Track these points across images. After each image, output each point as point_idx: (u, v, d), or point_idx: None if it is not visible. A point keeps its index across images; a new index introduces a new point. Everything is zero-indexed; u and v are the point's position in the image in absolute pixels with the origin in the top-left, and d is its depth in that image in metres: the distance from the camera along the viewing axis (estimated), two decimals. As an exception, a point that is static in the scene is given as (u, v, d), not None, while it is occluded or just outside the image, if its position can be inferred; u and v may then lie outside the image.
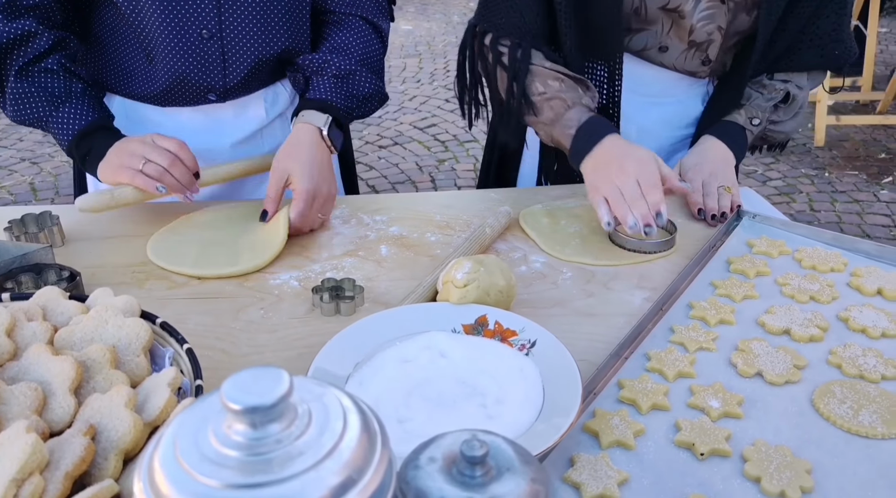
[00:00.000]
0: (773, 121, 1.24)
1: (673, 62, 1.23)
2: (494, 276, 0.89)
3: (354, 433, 0.46)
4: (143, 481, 0.44)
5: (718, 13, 1.15)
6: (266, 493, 0.42)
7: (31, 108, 1.10)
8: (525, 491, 0.50)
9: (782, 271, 1.00)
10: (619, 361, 0.83)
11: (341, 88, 1.17)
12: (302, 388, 0.48)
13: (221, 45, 1.15)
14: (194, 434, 0.45)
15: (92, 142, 1.10)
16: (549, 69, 1.15)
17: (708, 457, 0.70)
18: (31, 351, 0.69)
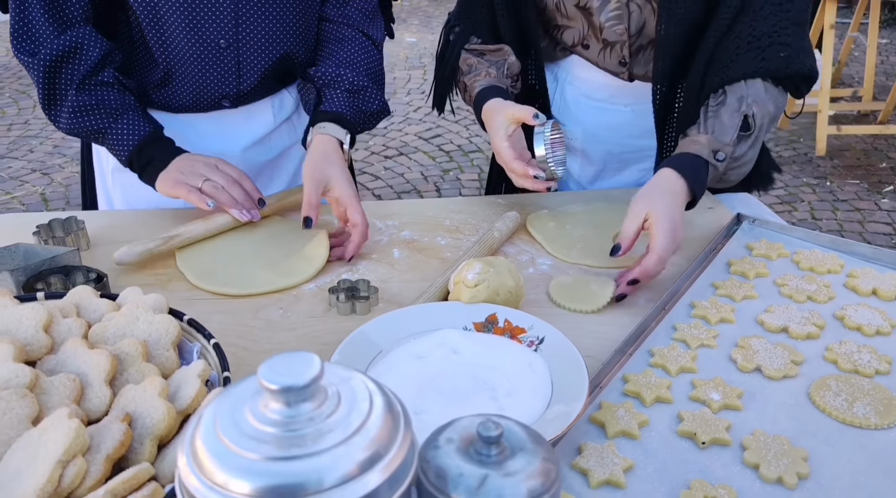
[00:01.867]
0: (737, 156, 1.08)
1: (595, 60, 1.28)
2: (504, 276, 0.93)
3: (379, 413, 0.50)
4: (186, 456, 0.48)
5: (624, 14, 1.19)
6: (300, 465, 0.46)
7: (91, 121, 1.13)
8: (537, 468, 0.53)
9: (781, 273, 1.04)
10: (624, 357, 0.87)
11: (353, 103, 1.21)
12: (331, 372, 0.52)
13: (237, 53, 1.20)
14: (232, 414, 0.49)
15: (153, 152, 1.14)
16: (468, 50, 1.27)
17: (709, 446, 0.74)
18: (67, 345, 0.74)
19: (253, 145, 1.32)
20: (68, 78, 1.12)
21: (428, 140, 4.26)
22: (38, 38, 1.11)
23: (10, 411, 0.65)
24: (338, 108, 1.19)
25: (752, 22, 1.11)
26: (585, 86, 1.33)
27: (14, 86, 5.13)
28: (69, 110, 1.12)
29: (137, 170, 1.15)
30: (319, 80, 1.22)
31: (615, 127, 1.34)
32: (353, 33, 1.26)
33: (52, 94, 1.13)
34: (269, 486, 0.45)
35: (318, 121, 1.18)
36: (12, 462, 0.62)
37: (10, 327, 0.75)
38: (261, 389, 0.48)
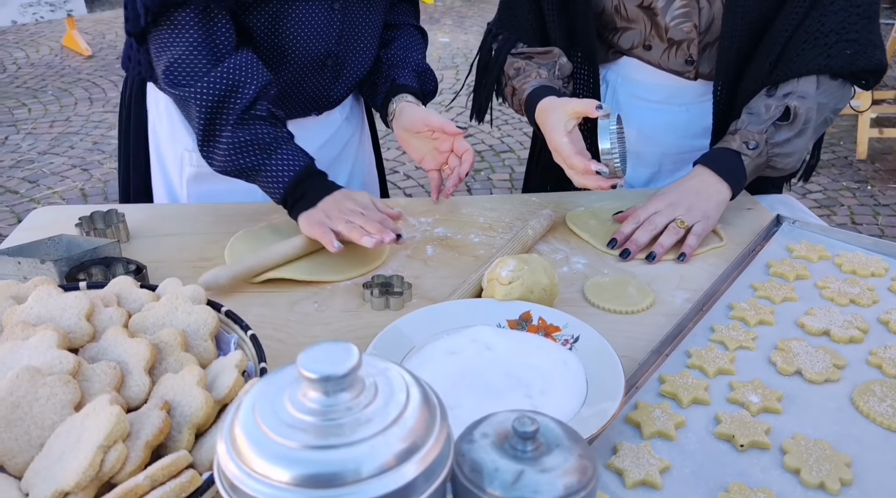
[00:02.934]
0: (777, 142, 1.12)
1: (658, 61, 1.25)
2: (538, 274, 0.92)
3: (416, 405, 0.50)
4: (225, 443, 0.48)
5: (693, 11, 1.17)
6: (338, 454, 0.46)
7: (245, 159, 1.06)
8: (574, 465, 0.53)
9: (822, 275, 1.02)
10: (661, 358, 0.86)
11: (419, 81, 1.29)
12: (368, 363, 0.52)
13: (336, 69, 1.24)
14: (271, 402, 0.49)
15: (306, 188, 1.07)
16: (515, 54, 1.26)
17: (748, 449, 0.73)
18: (108, 333, 0.75)
19: (324, 144, 1.34)
20: (229, 114, 1.05)
21: (460, 139, 4.26)
22: (195, 70, 1.05)
23: (54, 397, 0.66)
24: (411, 83, 1.27)
25: (820, 17, 1.11)
26: (640, 88, 1.30)
27: (57, 83, 5.25)
28: (226, 149, 1.06)
29: (289, 206, 1.08)
30: (388, 62, 1.29)
31: (671, 128, 1.32)
32: (407, 27, 1.36)
33: (209, 132, 1.06)
34: (308, 474, 0.45)
35: (396, 93, 1.25)
36: (55, 446, 0.63)
37: (55, 315, 0.76)
38: (299, 378, 0.49)
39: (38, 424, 0.65)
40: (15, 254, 1.00)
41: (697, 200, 1.10)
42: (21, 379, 0.66)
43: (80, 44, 5.83)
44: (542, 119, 1.13)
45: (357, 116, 1.42)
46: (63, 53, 5.96)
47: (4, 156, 4.07)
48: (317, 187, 1.08)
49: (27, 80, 5.35)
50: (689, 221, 1.09)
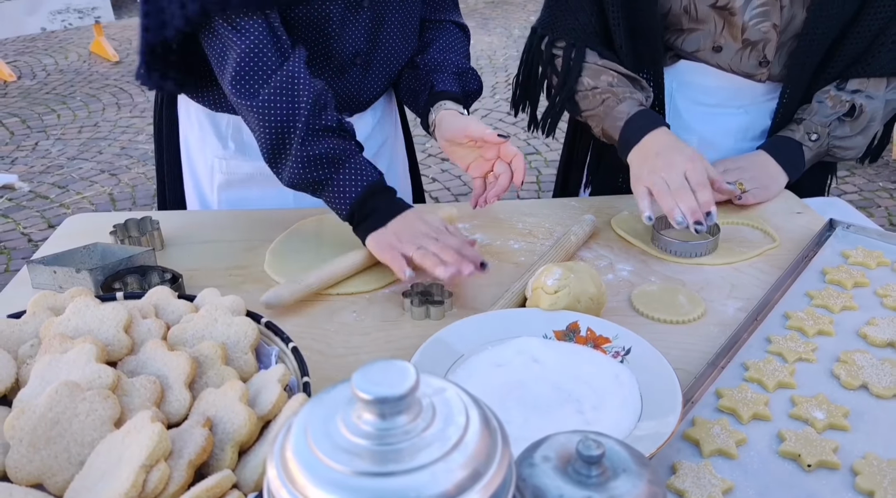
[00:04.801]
0: (838, 136, 1.17)
1: (728, 63, 1.21)
2: (585, 282, 0.89)
3: (477, 428, 0.47)
4: (276, 469, 0.46)
5: (773, 10, 1.13)
6: (397, 482, 0.43)
7: (314, 173, 1.01)
8: (644, 491, 0.50)
9: (882, 283, 0.97)
10: (716, 371, 0.82)
11: (460, 84, 1.24)
12: (425, 383, 0.49)
13: (365, 69, 1.20)
14: (324, 424, 0.47)
15: (375, 204, 1.01)
16: (601, 66, 1.19)
17: (815, 469, 0.69)
18: (147, 346, 0.73)
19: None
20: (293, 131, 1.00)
21: (486, 142, 4.23)
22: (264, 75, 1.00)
23: (94, 413, 0.65)
24: (450, 88, 1.21)
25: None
26: (697, 91, 1.26)
27: (85, 90, 5.31)
28: (293, 163, 1.01)
29: (355, 223, 1.03)
30: (426, 66, 1.24)
31: (731, 131, 1.28)
32: (448, 25, 1.30)
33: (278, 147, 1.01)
34: (365, 503, 0.42)
35: (435, 101, 1.19)
36: (96, 464, 0.61)
37: (92, 327, 0.74)
38: (353, 399, 0.46)
39: (78, 441, 0.64)
40: (51, 263, 0.99)
41: (759, 173, 1.18)
42: (60, 394, 0.65)
43: (108, 50, 5.89)
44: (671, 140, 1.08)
45: (390, 120, 1.39)
46: (91, 59, 6.03)
47: (35, 161, 4.11)
48: (386, 205, 1.02)
49: (56, 86, 5.41)
50: (748, 186, 1.17)
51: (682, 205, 0.99)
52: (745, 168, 1.19)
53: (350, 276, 1.02)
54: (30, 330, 0.77)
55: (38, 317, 0.78)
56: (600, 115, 1.18)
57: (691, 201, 0.99)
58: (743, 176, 1.17)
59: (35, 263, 0.98)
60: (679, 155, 1.04)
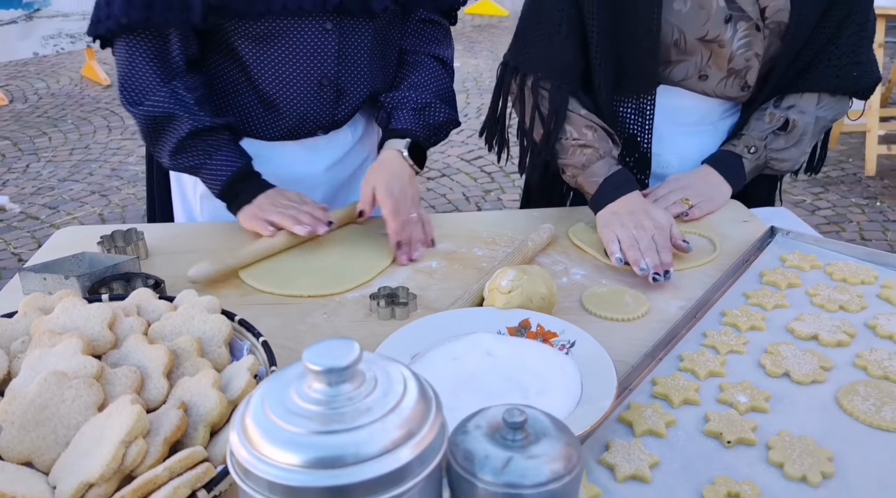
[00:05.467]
0: (774, 149, 1.27)
1: (713, 89, 1.29)
2: (537, 283, 0.96)
3: (413, 397, 0.54)
4: (237, 432, 0.53)
5: (755, 40, 1.22)
6: (340, 439, 0.51)
7: (189, 160, 1.20)
8: (560, 452, 0.57)
9: (813, 283, 1.05)
10: (654, 362, 0.89)
11: (419, 119, 1.29)
12: (370, 359, 0.57)
13: (337, 89, 1.28)
14: (279, 394, 0.54)
15: (243, 187, 1.21)
16: (584, 117, 1.24)
17: (734, 445, 0.76)
18: (129, 341, 0.80)
19: (334, 165, 1.40)
20: (172, 133, 1.18)
21: (470, 161, 4.32)
22: (146, 89, 1.17)
23: (79, 398, 0.71)
24: (404, 125, 1.28)
25: (837, 40, 1.22)
26: (675, 113, 1.33)
27: (76, 113, 5.38)
28: (169, 153, 1.20)
29: (228, 202, 1.23)
30: (389, 105, 1.31)
31: (703, 148, 1.36)
32: (425, 59, 1.36)
33: (155, 141, 1.21)
34: (313, 457, 0.49)
35: (386, 139, 1.28)
36: (81, 443, 0.68)
37: (79, 324, 0.81)
38: (305, 373, 0.53)
39: (65, 424, 0.70)
40: (41, 270, 1.05)
41: (704, 187, 1.28)
42: (48, 382, 0.71)
43: (99, 74, 5.98)
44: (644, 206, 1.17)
45: (372, 140, 1.46)
46: (82, 83, 6.11)
47: (26, 183, 4.17)
48: (252, 186, 1.22)
49: (48, 109, 5.48)
50: (693, 201, 1.26)
51: (648, 259, 1.07)
52: (690, 185, 1.28)
53: (268, 256, 1.18)
54: (21, 328, 0.84)
55: (29, 316, 0.85)
56: (578, 167, 1.24)
57: (656, 259, 1.08)
58: (688, 192, 1.26)
59: (26, 270, 1.05)
60: (648, 220, 1.12)
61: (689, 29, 1.22)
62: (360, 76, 1.30)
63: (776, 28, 1.21)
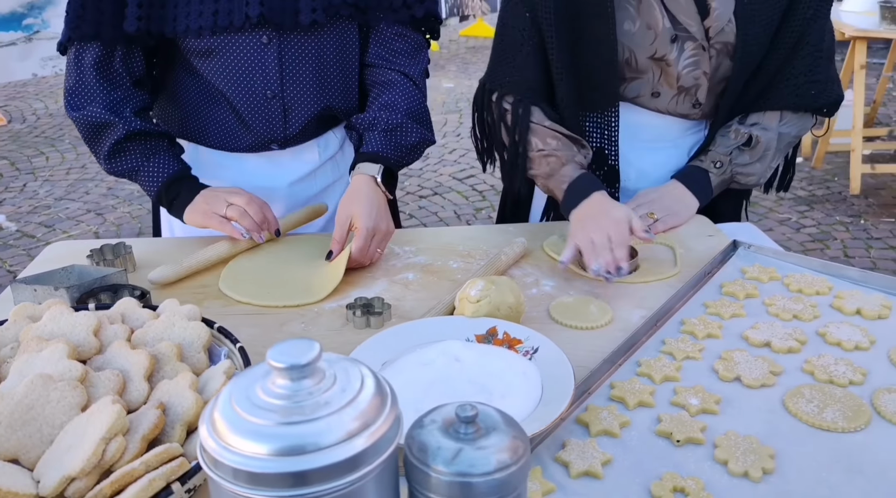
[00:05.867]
0: (739, 164, 1.32)
1: (666, 106, 1.35)
2: (504, 293, 1.01)
3: (369, 392, 0.59)
4: (206, 425, 0.57)
5: (702, 60, 1.28)
6: (299, 429, 0.55)
7: (125, 163, 1.28)
8: (507, 445, 0.61)
9: (770, 294, 1.10)
10: (613, 367, 0.94)
11: (391, 140, 1.30)
12: (330, 359, 0.61)
13: (283, 103, 1.33)
14: (245, 390, 0.59)
15: (179, 188, 1.27)
16: (547, 128, 1.29)
17: (684, 444, 0.80)
18: (113, 346, 0.84)
19: (298, 181, 1.43)
20: (107, 137, 1.26)
21: (462, 180, 4.38)
22: (88, 97, 1.26)
23: (64, 400, 0.76)
24: (374, 148, 1.29)
25: (794, 60, 1.29)
26: (636, 129, 1.38)
27: (74, 133, 5.44)
28: (105, 155, 1.27)
29: (166, 204, 1.29)
30: (360, 126, 1.33)
31: (662, 163, 1.42)
32: (395, 76, 1.36)
33: (94, 146, 1.29)
34: (275, 446, 0.54)
35: (356, 162, 1.30)
36: (64, 441, 0.72)
37: (66, 331, 0.86)
38: (269, 371, 0.58)
39: (50, 424, 0.75)
40: (31, 282, 1.10)
41: (671, 202, 1.33)
42: (35, 384, 0.76)
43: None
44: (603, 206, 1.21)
45: (346, 162, 1.45)
46: (80, 104, 6.19)
47: (23, 202, 4.22)
48: (189, 187, 1.28)
49: (45, 130, 5.55)
50: (659, 214, 1.30)
51: (600, 260, 1.13)
52: (657, 199, 1.33)
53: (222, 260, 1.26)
54: (10, 335, 0.88)
55: (19, 324, 0.90)
56: (545, 175, 1.30)
57: (608, 258, 1.13)
58: (654, 207, 1.31)
59: (17, 282, 1.10)
60: (606, 219, 1.17)
61: (639, 48, 1.28)
62: (306, 90, 1.32)
63: (723, 48, 1.27)
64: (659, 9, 1.25)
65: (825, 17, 1.30)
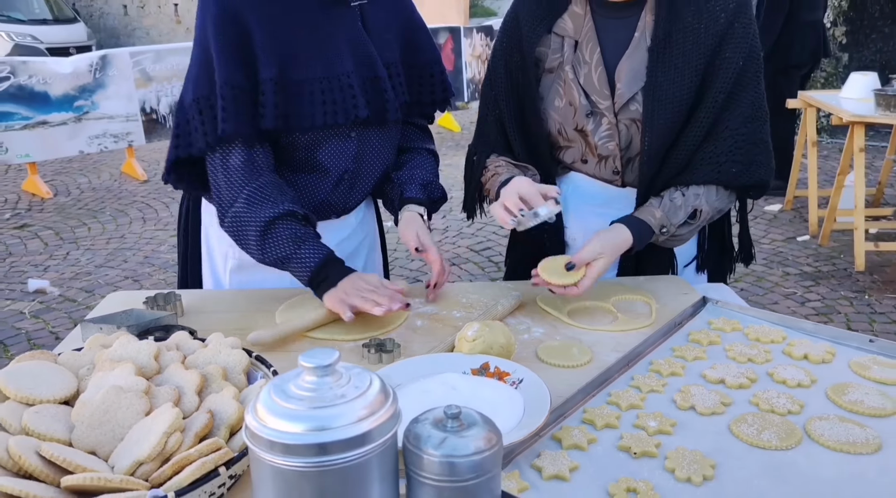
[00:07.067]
0: (679, 234, 1.45)
1: (593, 172, 1.57)
2: (497, 335, 1.19)
3: (375, 390, 0.77)
4: (251, 414, 0.75)
5: (614, 133, 1.49)
6: (322, 413, 0.73)
7: (278, 250, 1.38)
8: (483, 435, 0.78)
9: (731, 342, 1.26)
10: (587, 397, 1.10)
11: (426, 192, 1.62)
12: (348, 366, 0.79)
13: (352, 182, 1.58)
14: (281, 387, 0.77)
15: (328, 272, 1.38)
16: (499, 157, 1.58)
17: (641, 456, 0.96)
18: (170, 368, 1.03)
19: (342, 241, 1.64)
20: (262, 218, 1.38)
21: (479, 252, 4.59)
22: (234, 193, 1.40)
23: (132, 406, 0.94)
24: (417, 195, 1.60)
25: (714, 141, 1.45)
26: (584, 194, 1.60)
27: (114, 205, 5.79)
28: (256, 243, 1.39)
29: (314, 287, 1.40)
30: (399, 180, 1.64)
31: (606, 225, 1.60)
32: (420, 150, 1.70)
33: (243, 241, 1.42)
34: (304, 425, 0.72)
35: (403, 205, 1.59)
36: (133, 437, 0.90)
37: (132, 356, 1.05)
38: (300, 372, 0.76)
39: (121, 425, 0.93)
40: (98, 322, 1.30)
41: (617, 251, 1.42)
42: (109, 394, 0.94)
43: (137, 170, 6.44)
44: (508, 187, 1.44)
45: (369, 223, 1.76)
46: (121, 179, 6.58)
47: (65, 269, 4.49)
48: (336, 272, 1.40)
49: (88, 202, 5.91)
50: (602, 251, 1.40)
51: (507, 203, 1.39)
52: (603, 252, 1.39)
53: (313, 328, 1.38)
54: (86, 359, 1.08)
55: (93, 350, 1.09)
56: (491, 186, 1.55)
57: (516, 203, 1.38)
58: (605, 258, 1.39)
59: (86, 322, 1.30)
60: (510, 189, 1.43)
61: (566, 121, 1.52)
62: (371, 170, 1.60)
63: (631, 124, 1.47)
64: (577, 89, 1.48)
65: (746, 104, 1.43)
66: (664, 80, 1.42)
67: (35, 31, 12.24)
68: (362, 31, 1.49)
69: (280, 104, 1.40)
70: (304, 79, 1.41)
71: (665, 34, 1.41)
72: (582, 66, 1.49)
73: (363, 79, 1.48)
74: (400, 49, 1.56)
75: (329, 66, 1.43)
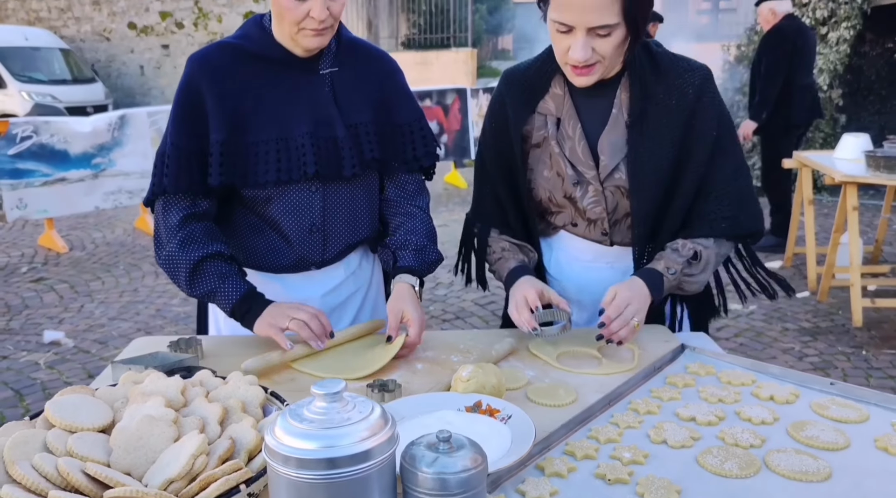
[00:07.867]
0: (687, 273, 1.58)
1: (583, 233, 1.71)
2: (489, 375, 1.31)
3: (377, 415, 0.90)
4: (270, 434, 0.88)
5: (600, 199, 1.64)
6: (330, 432, 0.86)
7: (204, 286, 1.58)
8: (470, 457, 0.90)
9: (704, 384, 1.38)
10: (569, 432, 1.21)
11: (419, 258, 1.70)
12: (352, 395, 0.92)
13: (324, 235, 1.71)
14: (296, 412, 0.89)
15: (250, 304, 1.57)
16: (501, 238, 1.73)
17: (614, 483, 1.07)
18: (195, 401, 1.15)
19: (328, 293, 1.79)
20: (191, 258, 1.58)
21: (483, 306, 4.71)
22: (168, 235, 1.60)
23: (163, 434, 1.06)
24: (409, 263, 1.70)
25: (704, 202, 1.61)
26: (575, 251, 1.75)
27: (128, 259, 5.97)
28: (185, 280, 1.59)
29: (239, 318, 1.59)
30: (393, 245, 1.74)
31: (601, 282, 1.71)
32: (411, 208, 1.78)
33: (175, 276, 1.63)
34: (315, 443, 0.84)
35: (396, 274, 1.69)
36: (164, 459, 1.02)
37: (161, 390, 1.17)
38: (312, 400, 0.89)
39: (153, 449, 1.05)
40: (127, 363, 1.43)
41: (640, 302, 1.53)
42: (142, 422, 1.07)
43: (151, 225, 6.61)
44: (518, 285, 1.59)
45: (365, 274, 1.85)
46: (135, 234, 6.78)
47: (80, 321, 4.63)
48: (259, 304, 1.58)
49: (102, 257, 6.08)
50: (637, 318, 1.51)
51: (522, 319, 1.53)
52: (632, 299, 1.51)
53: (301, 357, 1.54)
54: (120, 393, 1.20)
55: (126, 386, 1.21)
56: (498, 271, 1.71)
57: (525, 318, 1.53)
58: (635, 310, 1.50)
59: (116, 363, 1.42)
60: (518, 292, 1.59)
61: (555, 190, 1.67)
62: (342, 224, 1.72)
63: (617, 190, 1.62)
64: (563, 161, 1.64)
65: (729, 166, 1.59)
66: (644, 151, 1.58)
67: (54, 91, 12.69)
68: (327, 94, 1.65)
69: (227, 164, 1.59)
70: (257, 141, 1.61)
71: (640, 110, 1.57)
72: (566, 140, 1.64)
73: (319, 138, 1.62)
74: (372, 110, 1.68)
75: (283, 129, 1.62)
